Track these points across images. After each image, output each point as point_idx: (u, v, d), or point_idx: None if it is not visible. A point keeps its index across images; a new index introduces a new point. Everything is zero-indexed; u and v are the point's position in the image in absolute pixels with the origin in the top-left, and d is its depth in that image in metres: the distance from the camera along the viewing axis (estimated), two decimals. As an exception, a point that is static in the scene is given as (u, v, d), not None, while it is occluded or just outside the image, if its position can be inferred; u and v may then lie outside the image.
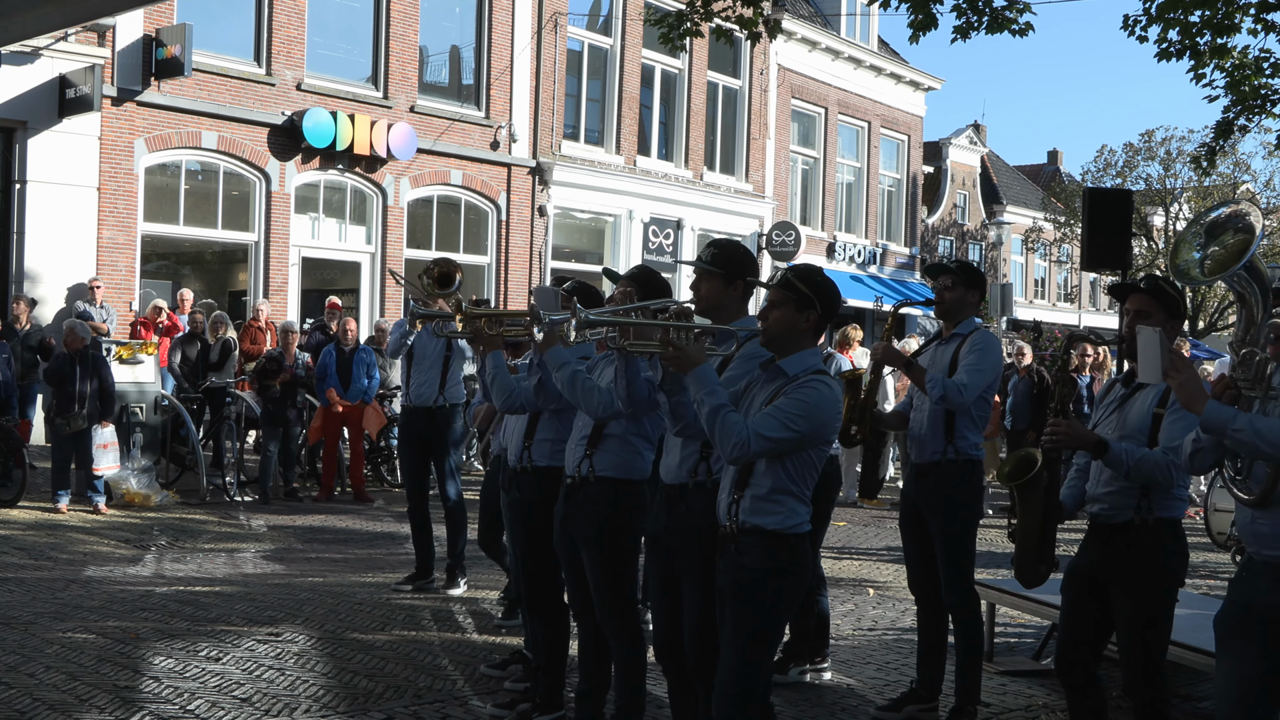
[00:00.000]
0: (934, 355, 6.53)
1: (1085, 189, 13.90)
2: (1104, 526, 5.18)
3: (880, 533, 13.65)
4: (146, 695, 6.44)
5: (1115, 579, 5.11)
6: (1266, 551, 4.18)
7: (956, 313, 6.50)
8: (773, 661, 4.59)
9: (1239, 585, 4.34)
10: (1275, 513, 4.15)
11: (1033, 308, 46.07)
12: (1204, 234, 4.30)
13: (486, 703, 6.53)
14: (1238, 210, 4.28)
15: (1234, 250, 4.18)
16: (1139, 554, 5.06)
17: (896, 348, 6.61)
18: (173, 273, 21.25)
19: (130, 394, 13.78)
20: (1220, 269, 4.20)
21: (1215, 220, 4.30)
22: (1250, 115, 14.16)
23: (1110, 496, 5.13)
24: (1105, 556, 5.15)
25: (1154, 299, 5.13)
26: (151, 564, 10.50)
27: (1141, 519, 5.06)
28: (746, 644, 4.41)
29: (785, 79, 29.74)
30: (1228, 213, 4.29)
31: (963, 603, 6.37)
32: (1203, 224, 4.34)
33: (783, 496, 4.41)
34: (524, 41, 23.54)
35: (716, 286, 4.89)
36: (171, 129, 18.71)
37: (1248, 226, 4.19)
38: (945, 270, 6.55)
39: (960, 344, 6.40)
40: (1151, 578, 5.06)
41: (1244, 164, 39.21)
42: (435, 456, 9.59)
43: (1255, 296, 4.19)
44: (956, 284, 6.48)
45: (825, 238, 31.76)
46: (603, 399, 5.19)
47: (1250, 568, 4.31)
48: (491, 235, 23.57)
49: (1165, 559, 5.08)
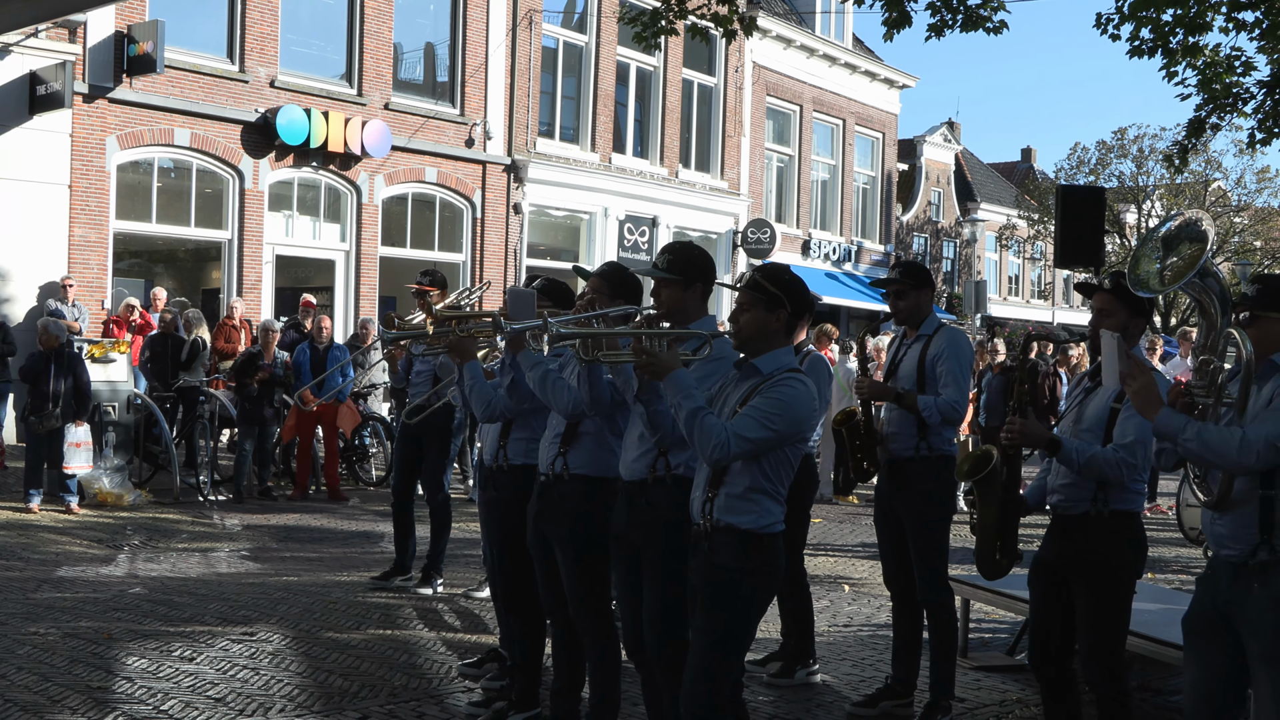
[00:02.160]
0: (903, 358, 6.55)
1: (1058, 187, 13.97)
2: (1062, 518, 5.27)
3: (855, 529, 13.68)
4: (119, 696, 6.40)
5: (1073, 570, 5.20)
6: (1224, 551, 4.28)
7: (915, 316, 6.53)
8: (743, 659, 4.60)
9: (1204, 584, 4.43)
10: (1232, 515, 4.25)
11: (1006, 305, 46.24)
12: (1161, 247, 4.38)
13: (462, 700, 6.52)
14: (1187, 220, 4.36)
15: (1190, 259, 4.24)
16: (1096, 546, 5.14)
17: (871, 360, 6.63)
18: (145, 271, 21.14)
19: (103, 393, 13.70)
20: (1178, 278, 4.26)
21: (1169, 233, 4.39)
22: (1221, 113, 14.23)
23: (1067, 489, 5.22)
24: (1064, 548, 5.24)
25: (1117, 297, 5.21)
26: (124, 564, 10.45)
27: (1098, 511, 5.14)
28: (716, 642, 4.42)
29: (760, 76, 29.78)
30: (1178, 224, 4.38)
31: (937, 598, 6.40)
32: (1158, 237, 4.42)
33: (758, 495, 4.42)
34: (499, 38, 23.50)
35: (675, 292, 4.91)
36: (144, 126, 18.62)
37: (1200, 235, 4.26)
38: (890, 281, 6.57)
39: (926, 344, 6.43)
40: (1108, 569, 5.14)
41: (1215, 162, 39.46)
42: (426, 455, 9.57)
43: (1214, 304, 4.26)
44: (906, 290, 6.50)
45: (800, 235, 31.82)
46: (573, 397, 5.20)
47: (1212, 564, 4.40)
48: (466, 233, 23.53)
49: (1122, 550, 5.16)
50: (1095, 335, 5.25)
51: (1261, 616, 4.18)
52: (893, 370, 6.58)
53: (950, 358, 6.30)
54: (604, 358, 4.73)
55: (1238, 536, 4.22)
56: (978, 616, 8.76)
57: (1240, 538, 4.22)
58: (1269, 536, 4.18)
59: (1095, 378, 5.33)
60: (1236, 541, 4.23)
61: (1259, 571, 4.21)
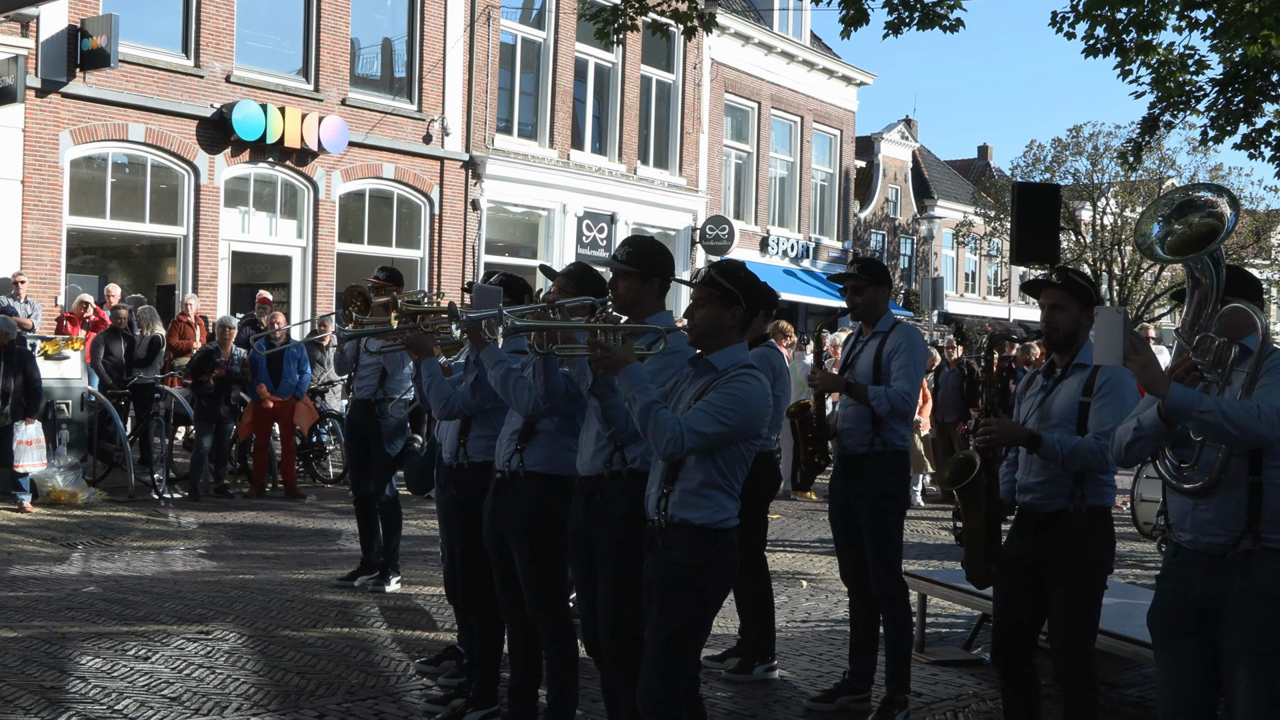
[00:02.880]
0: (859, 354, 6.59)
1: (1014, 184, 14.05)
2: (1036, 515, 5.24)
3: (814, 525, 13.72)
4: (73, 695, 6.35)
5: (1049, 567, 5.18)
6: (1206, 539, 4.18)
7: (871, 312, 6.59)
8: (698, 654, 4.62)
9: (1170, 580, 4.34)
10: (1218, 500, 4.17)
11: (963, 301, 46.47)
12: (1174, 208, 4.27)
13: (419, 699, 6.51)
14: (1214, 200, 4.26)
15: (1198, 232, 4.18)
16: (1073, 541, 5.14)
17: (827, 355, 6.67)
18: (99, 267, 20.94)
19: (56, 390, 13.56)
20: (1182, 248, 4.21)
21: (1186, 202, 4.28)
22: (1175, 111, 14.38)
23: (1044, 486, 5.20)
24: (1038, 545, 5.21)
25: (1067, 292, 5.23)
26: (78, 562, 10.35)
27: (1075, 507, 5.14)
28: (672, 638, 4.44)
29: (719, 73, 29.82)
30: (1208, 198, 4.27)
31: (891, 593, 6.43)
32: (1175, 200, 4.31)
33: (712, 491, 4.44)
34: (457, 34, 23.42)
35: (633, 285, 4.93)
36: (97, 121, 18.45)
37: (1219, 215, 4.19)
38: (848, 276, 6.63)
39: (882, 341, 6.48)
40: (1085, 565, 5.15)
41: (1169, 159, 39.72)
42: (373, 452, 9.52)
43: (1213, 285, 4.20)
44: (863, 286, 6.56)
45: (759, 232, 31.88)
46: (533, 397, 5.19)
47: (1180, 560, 4.30)
48: (424, 229, 23.46)
49: (1098, 546, 5.17)
50: (1052, 331, 5.28)
51: (1246, 610, 4.10)
52: (849, 365, 6.63)
53: (905, 353, 6.37)
54: (559, 351, 4.74)
55: (1224, 523, 4.14)
56: (935, 611, 8.81)
57: (1227, 524, 4.14)
58: (1255, 524, 4.11)
59: (1050, 374, 5.36)
60: (1222, 529, 4.15)
61: (1241, 562, 4.13)
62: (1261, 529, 4.13)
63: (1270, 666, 4.12)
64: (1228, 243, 19.74)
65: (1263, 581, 4.11)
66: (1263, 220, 41.55)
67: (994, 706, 6.64)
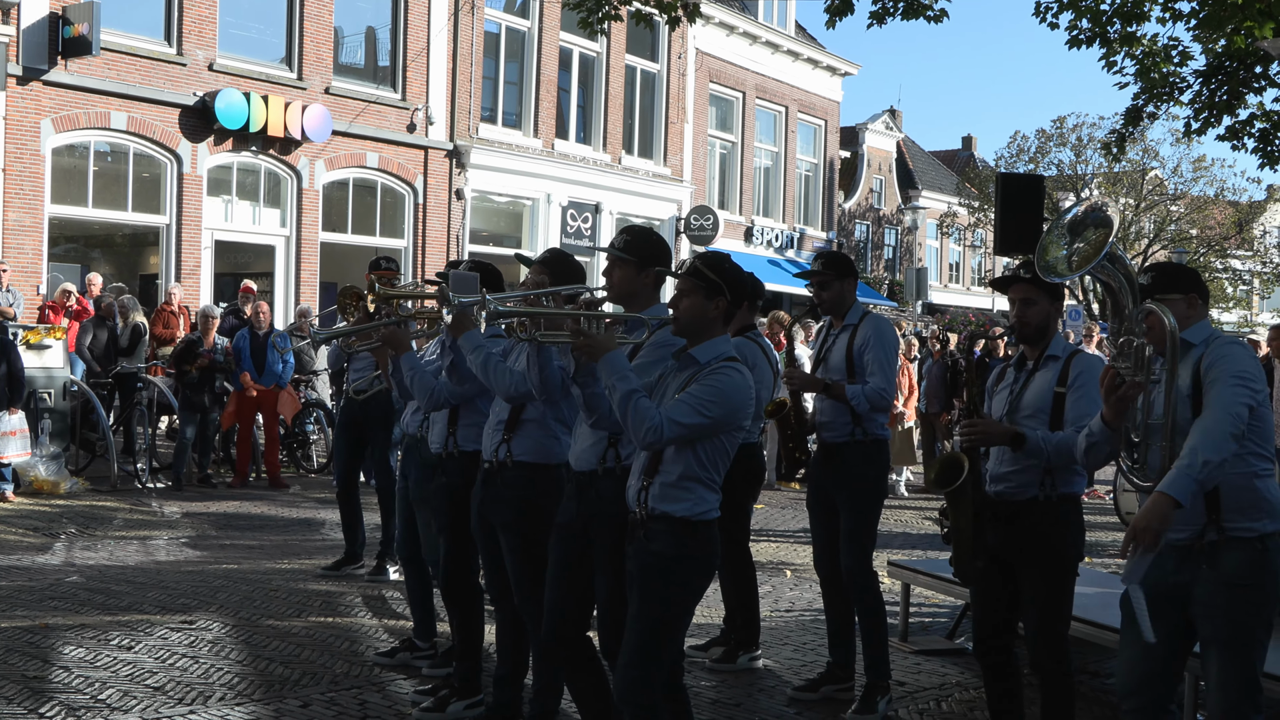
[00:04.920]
0: (831, 347, 6.62)
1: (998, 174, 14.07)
2: (1007, 505, 5.28)
3: (798, 515, 13.75)
4: (57, 685, 6.33)
5: (1021, 556, 5.23)
6: (1172, 534, 4.25)
7: (839, 305, 6.61)
8: (679, 645, 4.62)
9: None
10: None
11: (947, 292, 46.58)
12: (1067, 232, 4.44)
13: (405, 688, 6.51)
14: (1093, 205, 4.41)
15: (1096, 244, 4.31)
16: (1045, 530, 5.19)
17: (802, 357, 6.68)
18: (81, 256, 20.87)
19: (38, 379, 13.50)
20: (1085, 263, 4.31)
21: (1074, 219, 4.45)
22: (1159, 103, 14.41)
23: (1015, 475, 5.24)
24: (1010, 535, 5.25)
25: (1036, 286, 5.25)
26: (61, 552, 10.32)
27: (1046, 495, 5.19)
28: (652, 629, 4.43)
29: (703, 63, 29.80)
30: (1084, 209, 4.43)
31: (862, 579, 6.45)
32: (1063, 224, 4.48)
33: (692, 484, 4.43)
34: (440, 23, 23.36)
35: (629, 274, 4.89)
36: (79, 109, 18.37)
37: (1105, 220, 4.32)
38: (813, 273, 6.64)
39: (852, 333, 6.50)
40: (1057, 553, 5.20)
41: (1153, 151, 39.87)
42: (371, 444, 9.49)
43: (1123, 286, 4.31)
44: (828, 280, 6.58)
45: (743, 222, 31.89)
46: (514, 380, 5.18)
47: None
48: (408, 219, 23.42)
49: (1069, 533, 5.22)
50: (1024, 326, 5.31)
51: (1213, 599, 4.23)
52: (822, 360, 6.65)
53: (875, 346, 6.39)
54: (541, 337, 4.73)
55: (1186, 519, 4.22)
56: (918, 601, 8.84)
57: (1189, 520, 4.24)
58: (1215, 516, 4.23)
59: (1022, 366, 5.40)
60: (1185, 524, 4.25)
61: (1208, 552, 4.26)
62: (1224, 520, 4.24)
63: (1240, 654, 4.24)
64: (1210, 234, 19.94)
65: (1228, 571, 4.23)
66: (1245, 211, 41.67)
67: (977, 695, 6.67)
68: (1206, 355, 4.30)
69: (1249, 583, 4.23)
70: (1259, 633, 4.27)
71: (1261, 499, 4.25)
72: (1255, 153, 14.64)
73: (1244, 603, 4.22)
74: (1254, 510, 4.24)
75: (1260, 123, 14.50)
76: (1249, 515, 4.24)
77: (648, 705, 4.41)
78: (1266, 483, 4.28)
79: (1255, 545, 4.24)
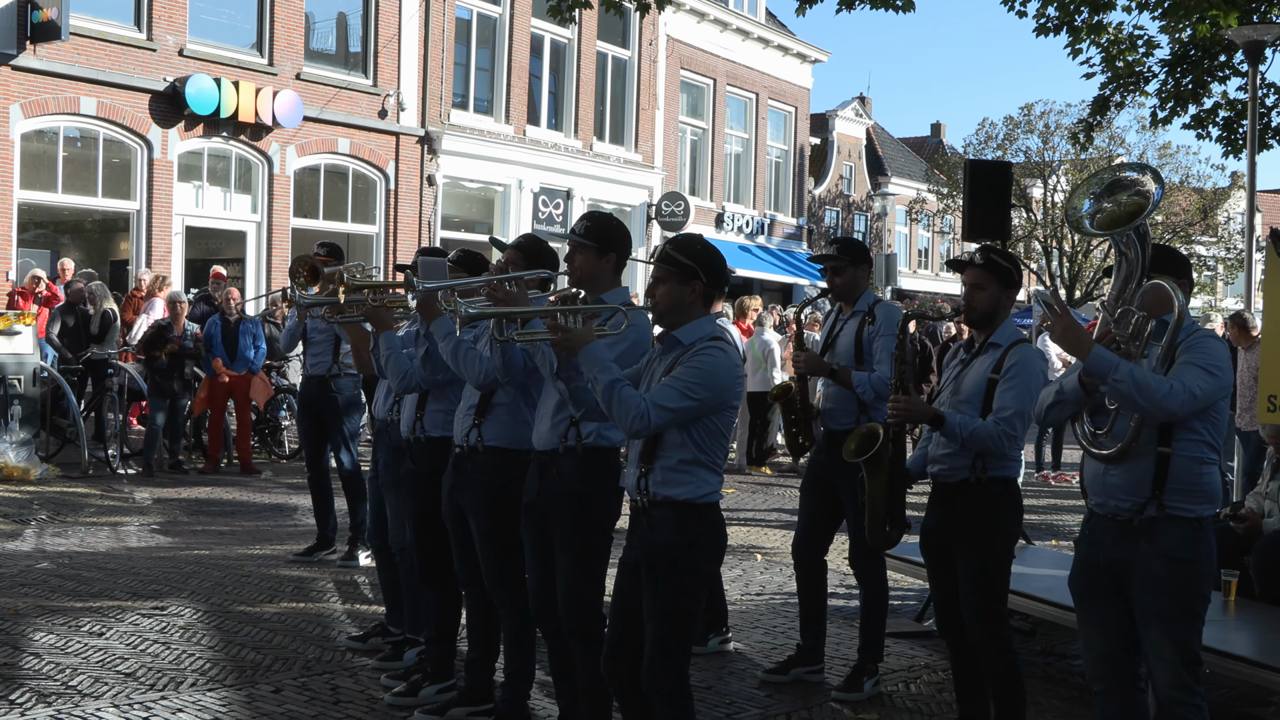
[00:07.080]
0: (839, 333, 6.65)
1: (966, 161, 14.12)
2: (943, 486, 5.46)
3: (768, 498, 13.83)
4: (27, 672, 6.35)
5: (955, 536, 5.39)
6: (1114, 502, 4.38)
7: (851, 292, 6.65)
8: (698, 629, 4.66)
9: (1084, 544, 4.57)
10: (1127, 467, 4.37)
11: (916, 277, 46.71)
12: (1104, 187, 4.44)
13: (379, 674, 6.54)
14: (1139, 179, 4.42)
15: (1127, 210, 4.34)
16: (976, 511, 5.34)
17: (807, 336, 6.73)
18: (51, 242, 20.75)
19: (8, 365, 13.46)
20: (1110, 225, 4.36)
21: (1120, 179, 4.45)
22: (1125, 91, 14.54)
23: (948, 458, 5.41)
24: (944, 515, 5.44)
25: (988, 271, 5.38)
26: (31, 539, 10.31)
27: (977, 478, 5.34)
28: (672, 619, 4.41)
29: (674, 50, 29.80)
30: (1134, 177, 4.43)
31: (872, 567, 6.56)
32: (1104, 179, 4.49)
33: (693, 467, 4.41)
34: (412, 9, 23.29)
35: (590, 259, 4.95)
36: (48, 94, 18.25)
37: (1145, 193, 4.35)
38: (828, 257, 6.68)
39: (863, 320, 6.53)
40: (988, 532, 5.35)
41: (1119, 138, 39.99)
42: (329, 426, 9.50)
43: (1138, 259, 4.35)
44: (843, 266, 6.62)
45: (714, 208, 31.93)
46: (484, 367, 5.22)
47: (1092, 524, 4.52)
48: (380, 205, 23.36)
49: (1000, 514, 5.37)
50: (970, 309, 5.42)
51: (1151, 572, 4.32)
52: (829, 345, 6.68)
53: (886, 334, 6.38)
54: (519, 337, 4.73)
55: (1132, 489, 4.34)
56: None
57: (1133, 490, 4.35)
58: (1159, 493, 4.32)
59: (971, 348, 5.50)
60: (1130, 494, 4.35)
61: (1146, 528, 4.34)
62: (1166, 497, 4.33)
63: (1179, 627, 4.33)
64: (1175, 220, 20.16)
65: (1166, 545, 4.32)
66: (1209, 198, 41.92)
67: (945, 677, 6.75)
68: (1187, 341, 4.36)
69: (1187, 557, 4.32)
70: (1197, 606, 4.36)
71: (1203, 485, 4.35)
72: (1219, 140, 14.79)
73: (1182, 575, 4.31)
74: (1195, 494, 4.34)
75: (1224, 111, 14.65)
76: (1189, 498, 4.33)
77: (677, 692, 4.43)
78: (1211, 471, 4.38)
79: (1193, 524, 4.34)
